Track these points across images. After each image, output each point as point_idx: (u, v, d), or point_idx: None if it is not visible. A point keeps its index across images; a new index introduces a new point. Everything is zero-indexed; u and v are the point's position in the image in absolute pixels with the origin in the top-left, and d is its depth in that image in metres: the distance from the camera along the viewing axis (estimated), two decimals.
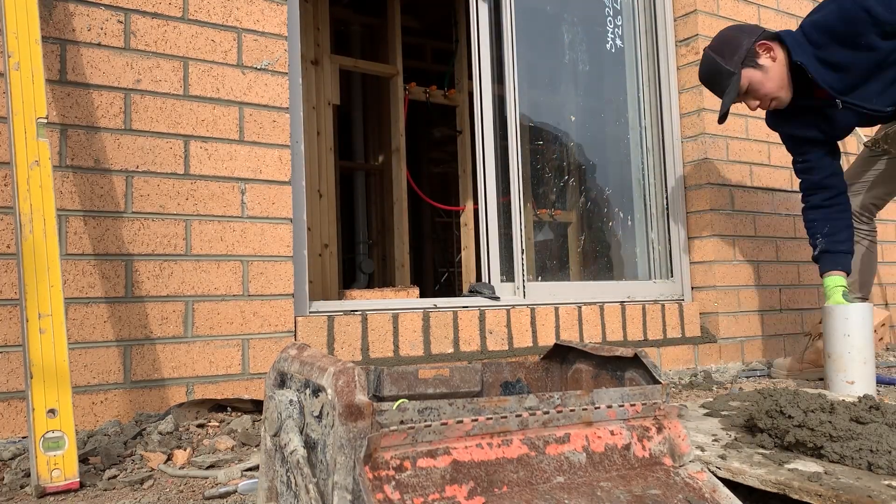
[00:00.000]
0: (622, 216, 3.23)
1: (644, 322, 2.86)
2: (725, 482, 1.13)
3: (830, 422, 1.24)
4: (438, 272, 6.60)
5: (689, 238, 3.14)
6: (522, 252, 2.69)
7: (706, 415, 1.64)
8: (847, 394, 2.07)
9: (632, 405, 1.05)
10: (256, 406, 1.93)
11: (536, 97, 3.02)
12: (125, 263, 1.86)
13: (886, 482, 1.10)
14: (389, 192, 4.75)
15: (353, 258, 5.38)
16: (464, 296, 2.64)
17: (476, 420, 0.91)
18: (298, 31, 2.24)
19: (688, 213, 3.14)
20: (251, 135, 2.07)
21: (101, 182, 1.85)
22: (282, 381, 0.98)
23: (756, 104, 2.29)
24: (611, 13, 3.25)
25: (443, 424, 0.88)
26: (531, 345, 2.58)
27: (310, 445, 0.87)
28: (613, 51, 3.26)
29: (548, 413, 0.97)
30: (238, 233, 2.02)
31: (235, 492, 1.33)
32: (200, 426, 1.80)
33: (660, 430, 1.06)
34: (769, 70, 2.22)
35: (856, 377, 2.13)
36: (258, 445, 1.66)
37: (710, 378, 2.76)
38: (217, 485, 1.37)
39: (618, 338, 2.78)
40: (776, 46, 2.23)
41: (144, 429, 1.74)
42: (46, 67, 1.78)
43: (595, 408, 1.02)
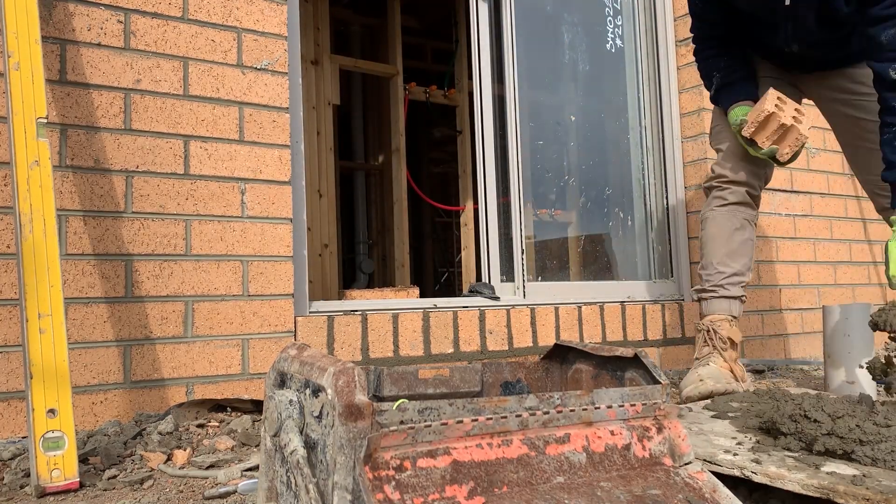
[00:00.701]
0: (622, 216, 3.22)
1: (644, 322, 2.86)
2: (761, 486, 1.10)
3: (859, 426, 1.23)
4: (438, 272, 6.60)
5: (689, 238, 3.13)
6: (522, 252, 2.69)
7: (713, 416, 1.63)
8: (849, 394, 2.07)
9: (632, 405, 1.05)
10: (256, 406, 1.93)
11: (536, 97, 3.01)
12: (125, 263, 1.86)
13: None
14: (389, 192, 4.75)
15: (353, 258, 5.39)
16: (464, 296, 2.64)
17: (476, 420, 0.91)
18: (298, 31, 2.24)
19: (688, 213, 3.14)
20: (251, 135, 2.07)
21: (101, 182, 1.85)
22: (282, 381, 0.98)
23: None
24: (611, 13, 3.25)
25: (443, 424, 0.88)
26: (531, 345, 2.58)
27: (310, 445, 0.87)
28: (613, 51, 3.26)
29: (548, 413, 0.97)
30: (238, 233, 2.02)
31: (235, 492, 1.33)
32: (200, 426, 1.80)
33: (660, 430, 1.06)
34: None
35: (856, 377, 2.13)
36: (258, 445, 1.66)
37: None
38: (217, 485, 1.37)
39: (618, 338, 2.78)
40: None
41: (144, 429, 1.74)
42: (46, 67, 1.78)
43: (595, 408, 1.02)
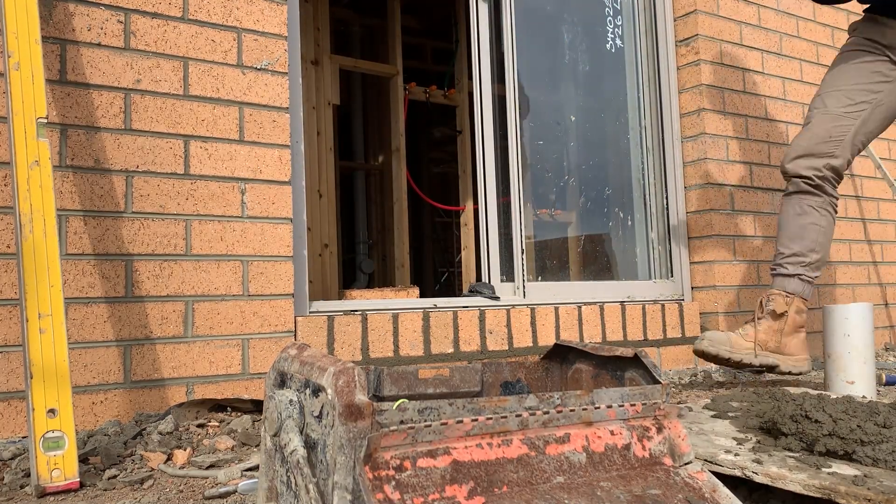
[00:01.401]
0: (622, 216, 3.23)
1: (644, 322, 2.86)
2: (761, 486, 1.10)
3: (860, 426, 1.23)
4: (438, 272, 6.59)
5: (689, 238, 3.14)
6: (522, 252, 2.69)
7: (713, 416, 1.63)
8: (849, 394, 2.07)
9: (632, 405, 1.05)
10: (256, 406, 1.93)
11: (536, 97, 3.02)
12: (125, 263, 1.86)
13: None
14: (389, 192, 4.75)
15: (353, 258, 5.38)
16: (464, 296, 2.64)
17: (476, 420, 0.91)
18: (298, 31, 2.24)
19: (688, 213, 3.15)
20: (251, 135, 2.07)
21: (101, 182, 1.85)
22: (282, 381, 0.98)
23: None
24: (611, 13, 3.25)
25: (443, 424, 0.88)
26: (531, 345, 2.58)
27: (310, 445, 0.87)
28: (613, 51, 3.26)
29: (548, 413, 0.97)
30: (238, 233, 2.02)
31: (235, 492, 1.33)
32: (200, 426, 1.80)
33: (660, 430, 1.06)
34: None
35: (856, 377, 2.13)
36: (258, 445, 1.66)
37: (710, 378, 2.76)
38: (217, 485, 1.37)
39: (618, 338, 2.78)
40: None
41: (144, 429, 1.74)
42: (46, 67, 1.78)
43: (595, 408, 1.02)
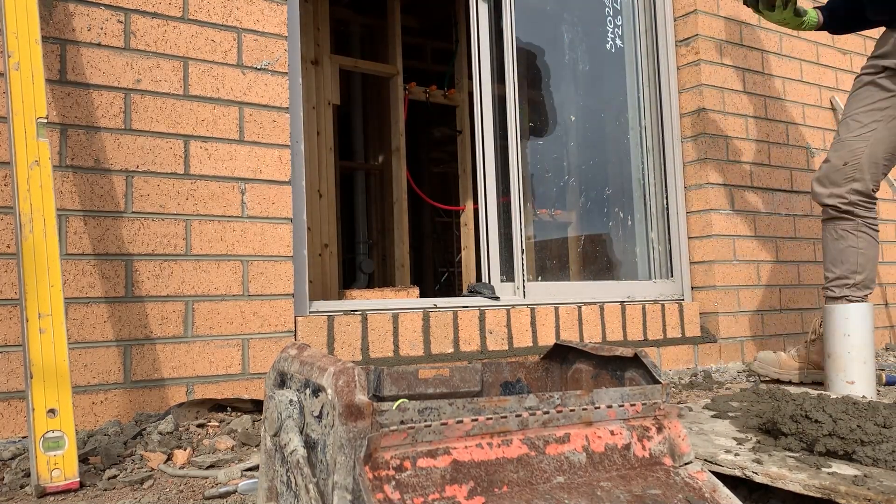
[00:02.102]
0: (622, 216, 3.23)
1: (644, 322, 2.86)
2: (761, 486, 1.10)
3: (860, 426, 1.23)
4: (438, 272, 6.59)
5: (689, 238, 3.14)
6: (522, 252, 2.69)
7: (713, 416, 1.63)
8: (849, 394, 2.07)
9: (632, 405, 1.05)
10: (256, 406, 1.93)
11: (536, 97, 3.02)
12: (125, 263, 1.86)
13: None
14: (389, 192, 4.75)
15: (353, 258, 5.38)
16: (464, 296, 2.64)
17: (476, 420, 0.91)
18: (298, 31, 2.24)
19: (688, 213, 3.14)
20: (251, 135, 2.07)
21: (101, 182, 1.85)
22: (282, 381, 0.98)
23: None
24: (611, 13, 3.25)
25: (443, 424, 0.88)
26: (531, 345, 2.58)
27: (310, 445, 0.87)
28: (613, 51, 3.26)
29: (548, 413, 0.97)
30: (238, 233, 2.02)
31: (235, 492, 1.33)
32: (200, 426, 1.80)
33: (660, 430, 1.06)
34: None
35: (856, 377, 2.13)
36: (258, 445, 1.66)
37: (710, 378, 2.76)
38: (217, 485, 1.37)
39: (618, 338, 2.78)
40: None
41: (144, 429, 1.74)
42: (46, 67, 1.78)
43: (595, 408, 1.02)
